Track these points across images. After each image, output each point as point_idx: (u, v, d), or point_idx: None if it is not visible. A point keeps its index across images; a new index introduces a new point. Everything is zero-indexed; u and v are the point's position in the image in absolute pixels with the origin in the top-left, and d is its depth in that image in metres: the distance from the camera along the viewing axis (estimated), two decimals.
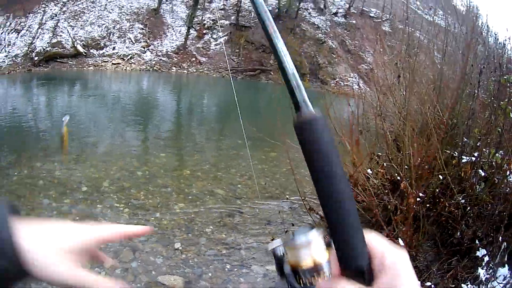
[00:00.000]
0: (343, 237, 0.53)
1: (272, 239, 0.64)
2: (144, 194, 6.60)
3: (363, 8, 37.67)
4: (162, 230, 5.48)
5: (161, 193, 6.72)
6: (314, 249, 0.59)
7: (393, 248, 0.54)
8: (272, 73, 32.10)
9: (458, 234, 3.53)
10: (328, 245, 0.59)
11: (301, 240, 0.60)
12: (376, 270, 0.53)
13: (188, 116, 16.71)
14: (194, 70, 31.94)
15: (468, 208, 3.53)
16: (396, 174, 4.03)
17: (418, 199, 3.45)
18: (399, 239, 3.41)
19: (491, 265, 3.32)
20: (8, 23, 26.29)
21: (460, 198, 3.51)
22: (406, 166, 3.95)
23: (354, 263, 0.52)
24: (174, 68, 31.55)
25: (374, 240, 0.55)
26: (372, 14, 37.46)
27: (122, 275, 4.42)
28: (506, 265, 3.31)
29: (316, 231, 0.59)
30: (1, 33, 25.32)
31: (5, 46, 24.94)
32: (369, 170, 4.30)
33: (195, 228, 5.63)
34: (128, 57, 30.34)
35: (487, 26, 7.04)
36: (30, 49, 25.72)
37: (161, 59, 31.71)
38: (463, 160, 3.76)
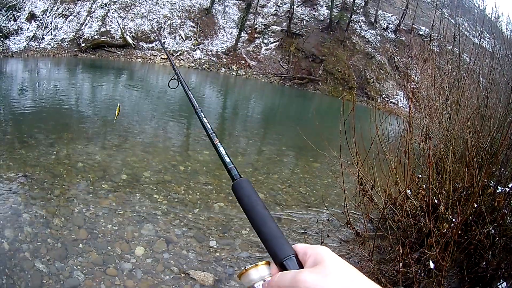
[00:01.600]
0: (269, 245, 0.74)
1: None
2: (185, 189, 6.65)
3: (413, 26, 37.07)
4: (198, 226, 5.52)
5: (202, 190, 6.74)
6: (261, 271, 0.73)
7: (314, 245, 0.69)
8: (320, 84, 32.01)
9: (484, 263, 3.55)
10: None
11: (249, 265, 0.77)
12: (303, 260, 0.68)
13: (233, 118, 16.60)
14: (243, 73, 32.15)
15: (497, 238, 3.55)
16: (434, 197, 4.05)
17: (452, 224, 3.49)
18: (430, 261, 3.45)
19: None
20: (55, 8, 27.09)
21: (491, 228, 3.53)
22: (444, 191, 3.99)
23: (278, 258, 0.70)
24: (223, 68, 31.88)
25: (299, 245, 0.72)
26: (421, 32, 36.81)
27: (152, 265, 4.46)
28: None
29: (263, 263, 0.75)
30: (48, 17, 26.06)
31: (51, 29, 25.75)
32: (408, 191, 4.32)
33: (232, 228, 5.64)
34: (178, 53, 30.81)
35: None
36: (77, 35, 26.56)
37: (210, 59, 32.10)
38: (498, 190, 3.77)
